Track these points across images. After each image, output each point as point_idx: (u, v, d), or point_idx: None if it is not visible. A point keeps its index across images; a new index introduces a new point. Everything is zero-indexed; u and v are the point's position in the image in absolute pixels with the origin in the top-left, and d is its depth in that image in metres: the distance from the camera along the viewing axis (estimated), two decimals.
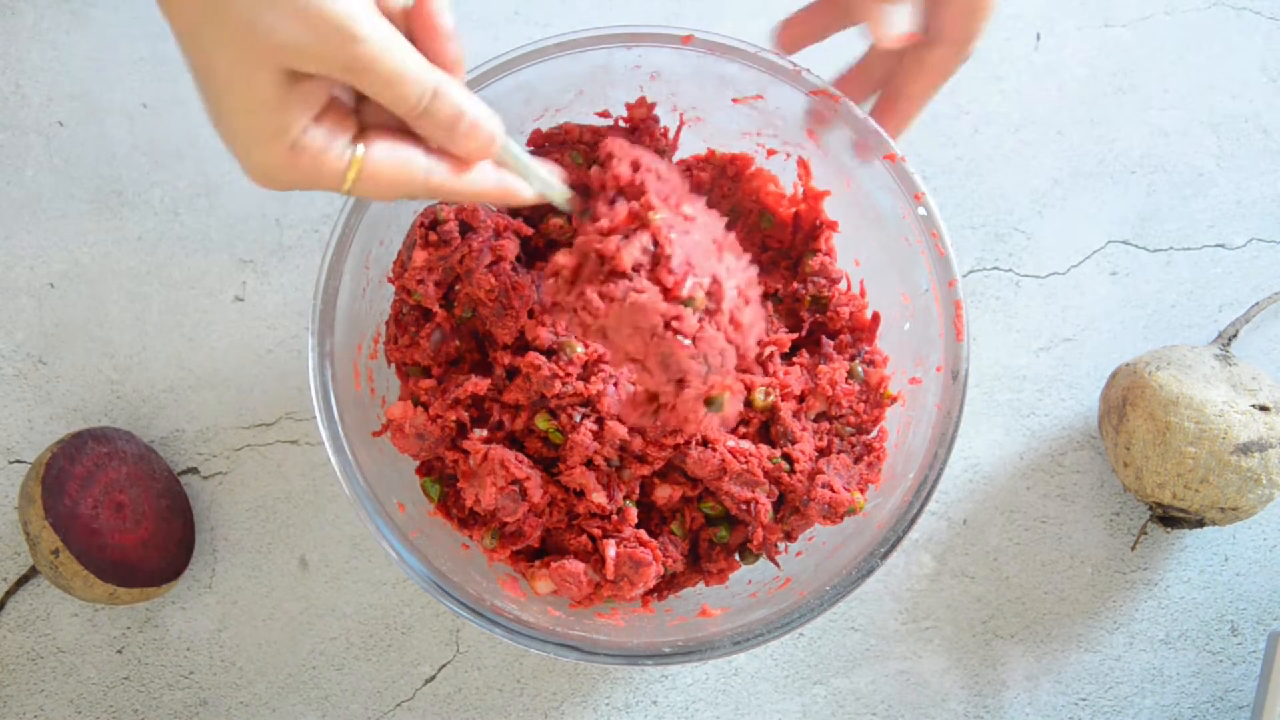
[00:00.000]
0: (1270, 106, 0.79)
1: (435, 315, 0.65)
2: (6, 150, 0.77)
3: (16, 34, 0.78)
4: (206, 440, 0.75)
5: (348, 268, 0.61)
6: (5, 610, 0.73)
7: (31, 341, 0.75)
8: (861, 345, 0.67)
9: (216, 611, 0.74)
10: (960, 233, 0.78)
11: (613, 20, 0.74)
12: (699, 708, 0.74)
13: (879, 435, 0.66)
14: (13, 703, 0.73)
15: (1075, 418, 0.77)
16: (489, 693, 0.74)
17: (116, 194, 0.77)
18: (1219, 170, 0.79)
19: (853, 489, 0.64)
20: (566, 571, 0.63)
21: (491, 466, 0.62)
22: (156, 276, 0.76)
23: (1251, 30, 0.80)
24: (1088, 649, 0.75)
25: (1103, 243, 0.78)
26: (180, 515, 0.72)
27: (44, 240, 0.76)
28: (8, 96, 0.77)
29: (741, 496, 0.63)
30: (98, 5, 0.78)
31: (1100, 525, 0.76)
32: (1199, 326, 0.78)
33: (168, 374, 0.75)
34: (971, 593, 0.75)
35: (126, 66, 0.78)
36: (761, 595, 0.64)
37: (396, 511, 0.61)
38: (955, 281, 0.62)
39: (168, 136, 0.77)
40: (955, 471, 0.76)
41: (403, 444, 0.63)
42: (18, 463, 0.74)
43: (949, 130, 0.79)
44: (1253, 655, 0.75)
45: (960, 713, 0.74)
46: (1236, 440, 0.67)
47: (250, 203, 0.77)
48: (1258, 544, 0.76)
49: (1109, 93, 0.79)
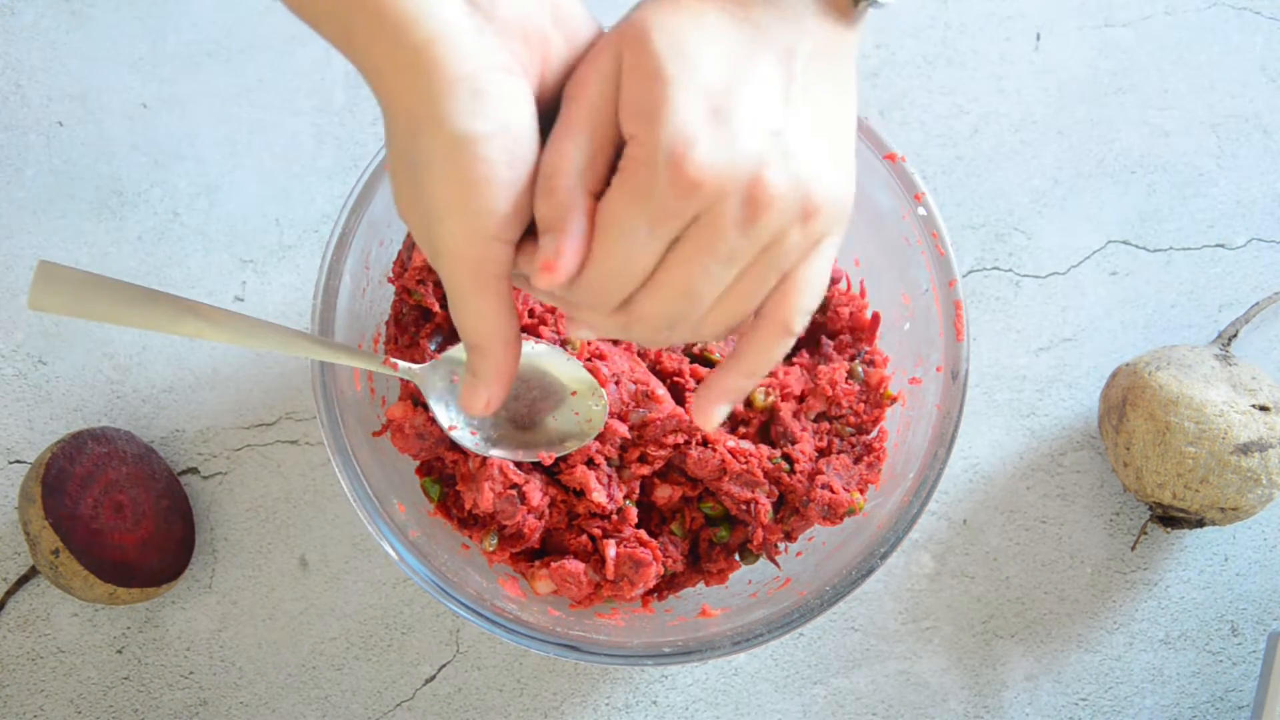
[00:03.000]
0: (1270, 106, 0.79)
1: (435, 315, 0.65)
2: (6, 150, 0.77)
3: (16, 34, 0.78)
4: (206, 440, 0.75)
5: (348, 268, 0.61)
6: (5, 610, 0.73)
7: (31, 341, 0.75)
8: (861, 345, 0.67)
9: (216, 611, 0.74)
10: (960, 233, 0.78)
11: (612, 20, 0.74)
12: (699, 708, 0.74)
13: (879, 435, 0.66)
14: (13, 703, 0.73)
15: (1075, 418, 0.77)
16: (489, 693, 0.74)
17: (116, 194, 0.77)
18: (1219, 170, 0.79)
19: (852, 489, 0.64)
20: (566, 571, 0.63)
21: (490, 471, 0.62)
22: (156, 276, 0.76)
23: (1251, 30, 0.80)
24: (1088, 649, 0.75)
25: (1103, 243, 0.78)
26: (180, 515, 0.72)
27: (44, 240, 0.76)
28: (8, 96, 0.77)
29: (741, 497, 0.63)
30: (97, 5, 0.78)
31: (1100, 525, 0.76)
32: (1199, 326, 0.78)
33: (168, 374, 0.75)
34: (971, 593, 0.75)
35: (126, 66, 0.78)
36: (761, 595, 0.64)
37: (396, 511, 0.61)
38: (955, 281, 0.62)
39: (168, 136, 0.77)
40: (955, 471, 0.76)
41: (403, 444, 0.63)
42: (18, 463, 0.74)
43: (949, 130, 0.79)
44: (1253, 655, 0.75)
45: (960, 713, 0.74)
46: (1236, 440, 0.67)
47: (250, 203, 0.77)
48: (1258, 544, 0.76)
49: (1109, 93, 0.79)
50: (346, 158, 0.77)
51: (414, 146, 0.41)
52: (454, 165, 0.40)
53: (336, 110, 0.78)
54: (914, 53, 0.79)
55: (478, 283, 0.43)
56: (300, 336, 0.53)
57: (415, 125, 0.41)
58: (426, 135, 0.41)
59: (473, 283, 0.43)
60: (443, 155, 0.40)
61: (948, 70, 0.79)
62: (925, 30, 0.79)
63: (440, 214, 0.41)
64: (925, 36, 0.79)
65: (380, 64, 0.41)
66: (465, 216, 0.41)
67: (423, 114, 0.40)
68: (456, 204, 0.41)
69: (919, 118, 0.79)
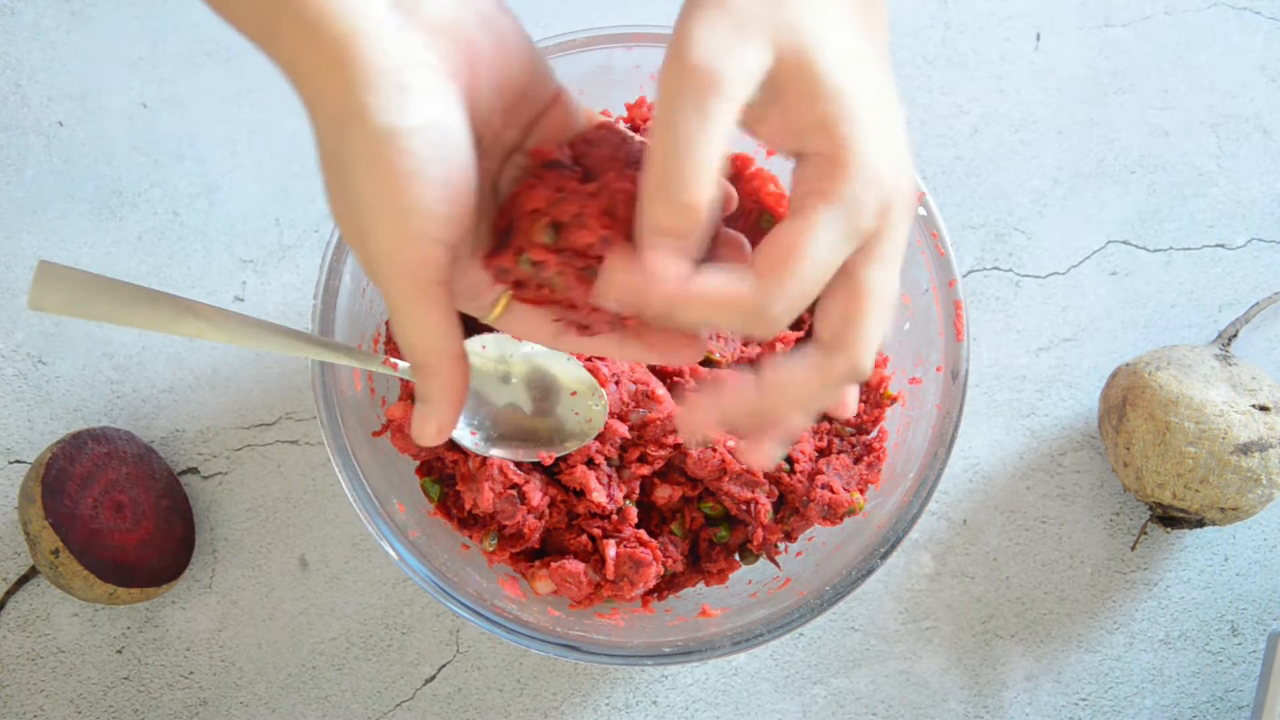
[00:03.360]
0: (1270, 106, 0.79)
1: None
2: (6, 150, 0.77)
3: (16, 34, 0.78)
4: (206, 440, 0.75)
5: (348, 268, 0.61)
6: (5, 610, 0.73)
7: (31, 341, 0.75)
8: None
9: (216, 611, 0.74)
10: (960, 233, 0.78)
11: (613, 20, 0.74)
12: (699, 708, 0.74)
13: (879, 435, 0.66)
14: (13, 703, 0.73)
15: (1075, 418, 0.77)
16: (489, 693, 0.74)
17: (116, 194, 0.77)
18: (1219, 170, 0.79)
19: (852, 489, 0.64)
20: (566, 571, 0.63)
21: (489, 471, 0.62)
22: (156, 276, 0.76)
23: (1251, 30, 0.80)
24: (1088, 649, 0.75)
25: (1103, 243, 0.78)
26: (180, 515, 0.72)
27: (44, 240, 0.76)
28: (8, 96, 0.77)
29: (741, 497, 0.63)
30: (97, 5, 0.78)
31: (1100, 525, 0.76)
32: (1199, 326, 0.78)
33: (168, 374, 0.75)
34: (971, 593, 0.75)
35: (126, 66, 0.78)
36: (761, 595, 0.64)
37: (396, 511, 0.61)
38: (955, 281, 0.62)
39: (168, 136, 0.77)
40: (955, 471, 0.76)
41: (403, 444, 0.63)
42: (18, 463, 0.74)
43: (949, 130, 0.79)
44: (1253, 655, 0.75)
45: (960, 713, 0.74)
46: (1236, 440, 0.67)
47: (250, 203, 0.77)
48: (1258, 544, 0.76)
49: (1109, 93, 0.79)
50: None
51: (340, 144, 0.40)
52: (379, 160, 0.39)
53: None
54: (914, 53, 0.79)
55: (416, 289, 0.42)
56: (300, 336, 0.53)
57: (339, 122, 0.40)
58: (351, 131, 0.39)
59: (411, 289, 0.41)
60: (367, 151, 0.39)
61: (948, 70, 0.79)
62: (925, 30, 0.79)
63: (369, 213, 0.40)
64: (925, 36, 0.79)
65: (301, 60, 0.40)
66: (394, 214, 0.40)
67: (346, 110, 0.39)
68: (385, 201, 0.40)
69: (919, 118, 0.79)
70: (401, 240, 0.41)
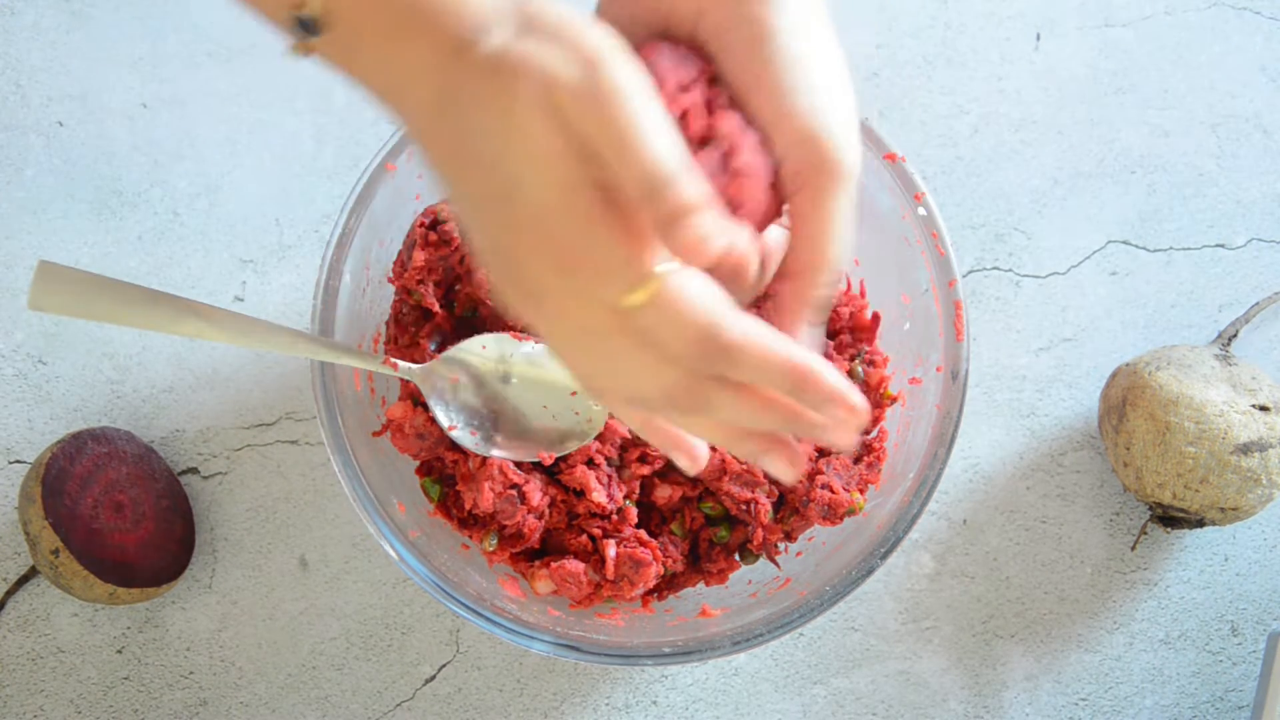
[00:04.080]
0: (1270, 106, 0.79)
1: (435, 315, 0.65)
2: (6, 150, 0.77)
3: (16, 34, 0.78)
4: (206, 440, 0.75)
5: (348, 268, 0.61)
6: (5, 610, 0.73)
7: (31, 341, 0.75)
8: (861, 345, 0.67)
9: (216, 611, 0.74)
10: (960, 233, 0.78)
11: None
12: (699, 708, 0.74)
13: (879, 435, 0.66)
14: (13, 703, 0.73)
15: (1075, 418, 0.77)
16: (489, 693, 0.74)
17: (116, 194, 0.77)
18: (1219, 170, 0.79)
19: (852, 489, 0.64)
20: (566, 571, 0.63)
21: (490, 471, 0.62)
22: (156, 276, 0.76)
23: (1251, 30, 0.80)
24: (1088, 649, 0.75)
25: (1103, 243, 0.78)
26: (180, 515, 0.72)
27: (44, 240, 0.76)
28: (8, 96, 0.77)
29: (741, 496, 0.63)
30: (97, 5, 0.78)
31: (1100, 525, 0.76)
32: (1199, 326, 0.78)
33: (168, 374, 0.75)
34: (971, 593, 0.75)
35: (126, 66, 0.78)
36: (761, 595, 0.64)
37: (396, 511, 0.61)
38: (955, 281, 0.62)
39: (168, 136, 0.77)
40: (955, 471, 0.76)
41: (403, 444, 0.63)
42: (18, 463, 0.74)
43: (949, 130, 0.79)
44: (1253, 655, 0.75)
45: (960, 713, 0.74)
46: (1236, 440, 0.67)
47: (250, 203, 0.77)
48: (1258, 544, 0.76)
49: (1109, 93, 0.79)
50: (346, 158, 0.77)
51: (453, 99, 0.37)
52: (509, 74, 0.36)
53: (336, 110, 0.78)
54: (914, 53, 0.79)
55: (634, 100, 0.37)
56: (300, 336, 0.53)
57: (442, 73, 0.37)
58: (463, 63, 0.37)
59: (630, 101, 0.37)
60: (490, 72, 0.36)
61: (948, 70, 0.79)
62: (925, 30, 0.79)
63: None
64: (925, 36, 0.79)
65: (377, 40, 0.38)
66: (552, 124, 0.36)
67: (448, 50, 0.37)
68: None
69: (919, 118, 0.79)
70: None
